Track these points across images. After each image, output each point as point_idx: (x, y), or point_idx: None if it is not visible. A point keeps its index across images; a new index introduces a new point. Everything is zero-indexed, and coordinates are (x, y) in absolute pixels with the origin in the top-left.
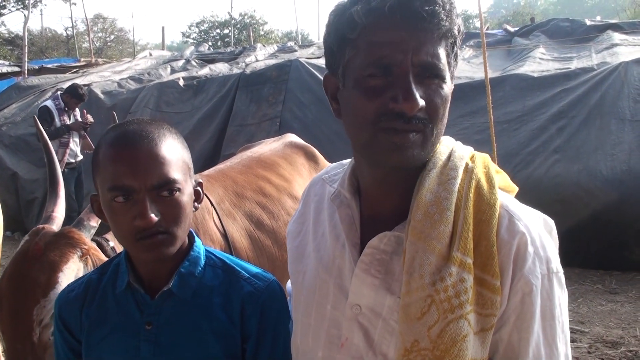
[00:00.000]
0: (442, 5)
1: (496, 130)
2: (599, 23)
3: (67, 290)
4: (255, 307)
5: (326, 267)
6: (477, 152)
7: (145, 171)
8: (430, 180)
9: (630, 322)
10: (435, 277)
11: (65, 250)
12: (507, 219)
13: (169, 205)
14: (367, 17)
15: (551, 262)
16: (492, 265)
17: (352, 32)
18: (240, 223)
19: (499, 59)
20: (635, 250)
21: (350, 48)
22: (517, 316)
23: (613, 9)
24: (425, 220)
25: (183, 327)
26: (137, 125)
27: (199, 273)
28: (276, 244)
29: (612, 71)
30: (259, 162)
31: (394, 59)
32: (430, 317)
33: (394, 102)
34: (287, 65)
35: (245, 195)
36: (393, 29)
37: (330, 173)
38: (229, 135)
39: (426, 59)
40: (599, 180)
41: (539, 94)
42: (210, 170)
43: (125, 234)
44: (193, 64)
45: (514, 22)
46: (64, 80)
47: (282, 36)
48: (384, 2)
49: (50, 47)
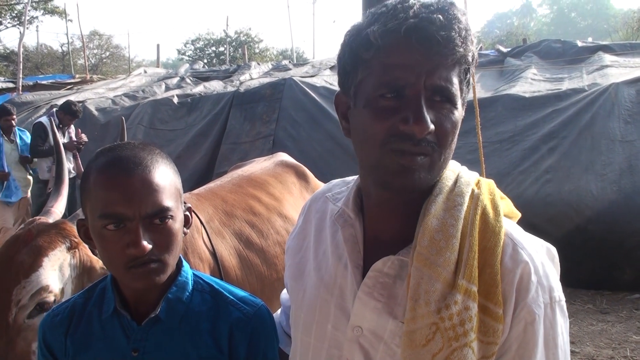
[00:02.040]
0: (458, 32)
1: (488, 150)
2: (590, 44)
3: (52, 314)
4: (244, 334)
5: (327, 287)
6: (482, 178)
7: (140, 199)
8: (437, 206)
9: (620, 342)
10: (440, 304)
11: (55, 238)
12: (511, 247)
13: (161, 233)
14: (383, 39)
15: (554, 291)
16: (496, 293)
17: (367, 52)
18: (230, 242)
19: (491, 79)
20: (626, 270)
21: (363, 68)
22: (520, 345)
23: (605, 30)
24: (431, 246)
25: (170, 354)
26: (129, 150)
27: (187, 298)
28: (265, 263)
29: (603, 92)
30: (250, 181)
31: (406, 81)
32: (435, 344)
33: (404, 124)
34: (281, 84)
35: (235, 214)
36: (408, 52)
37: (334, 191)
38: (222, 153)
39: (439, 83)
40: (589, 200)
41: (530, 114)
42: (201, 189)
43: (116, 262)
44: (187, 81)
45: (508, 42)
46: (58, 97)
47: (278, 54)
48: (400, 24)
49: (45, 64)
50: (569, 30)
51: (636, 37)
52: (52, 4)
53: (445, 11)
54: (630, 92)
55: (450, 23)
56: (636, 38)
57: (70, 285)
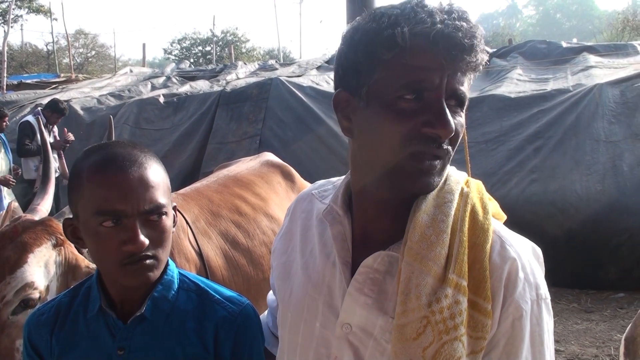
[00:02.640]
0: (480, 40)
1: (474, 150)
2: (574, 45)
3: (37, 313)
4: (230, 332)
5: (315, 285)
6: (471, 178)
7: (137, 196)
8: (427, 202)
9: (605, 341)
10: (431, 298)
11: (40, 235)
12: (499, 244)
13: (156, 229)
14: (411, 40)
15: (540, 289)
16: (485, 288)
17: (389, 52)
18: (216, 242)
19: (477, 80)
20: (610, 269)
21: (381, 68)
22: (507, 340)
23: (590, 31)
24: (422, 241)
25: (156, 353)
26: (122, 148)
27: (173, 297)
28: (251, 263)
29: (587, 93)
30: (235, 181)
31: (430, 84)
32: (426, 338)
33: (427, 127)
34: (268, 84)
35: (221, 214)
36: (434, 56)
37: (320, 189)
38: (208, 153)
39: (457, 87)
40: (574, 200)
41: (516, 115)
42: (187, 189)
43: (110, 260)
44: (174, 81)
45: (494, 43)
46: (43, 96)
47: (264, 54)
48: (429, 29)
49: (30, 63)
50: (554, 31)
51: (620, 38)
52: (36, 3)
53: (467, 19)
54: (614, 93)
55: (474, 31)
56: (620, 39)
57: (55, 282)
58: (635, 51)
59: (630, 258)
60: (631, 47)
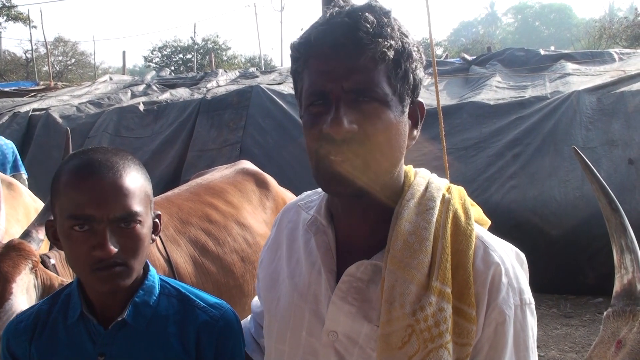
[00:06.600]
0: (366, 31)
1: (454, 157)
2: (552, 53)
3: (15, 321)
4: (211, 337)
5: (301, 294)
6: (452, 185)
7: (108, 202)
8: (409, 210)
9: (584, 346)
10: (415, 306)
11: (18, 261)
12: (482, 250)
13: (128, 237)
14: (303, 50)
15: (524, 293)
16: (469, 294)
17: (296, 64)
18: (185, 249)
19: (456, 87)
20: (589, 275)
21: (299, 79)
22: (490, 346)
23: (568, 39)
24: (404, 249)
25: (137, 358)
26: (101, 154)
27: (154, 302)
28: (222, 270)
29: (565, 100)
30: (207, 189)
31: (326, 87)
32: (411, 346)
33: (325, 127)
34: (248, 91)
35: (191, 222)
36: (324, 59)
37: (306, 200)
38: (189, 161)
39: (356, 87)
40: (553, 206)
41: (495, 121)
42: (157, 198)
43: (81, 264)
44: (154, 88)
45: (473, 51)
46: (21, 104)
47: (245, 61)
48: (310, 34)
49: (8, 70)
50: (533, 38)
51: (597, 46)
52: (15, 10)
53: (353, 13)
54: (591, 100)
55: (356, 24)
56: (597, 47)
57: None
58: (611, 59)
59: (608, 263)
60: (608, 54)
